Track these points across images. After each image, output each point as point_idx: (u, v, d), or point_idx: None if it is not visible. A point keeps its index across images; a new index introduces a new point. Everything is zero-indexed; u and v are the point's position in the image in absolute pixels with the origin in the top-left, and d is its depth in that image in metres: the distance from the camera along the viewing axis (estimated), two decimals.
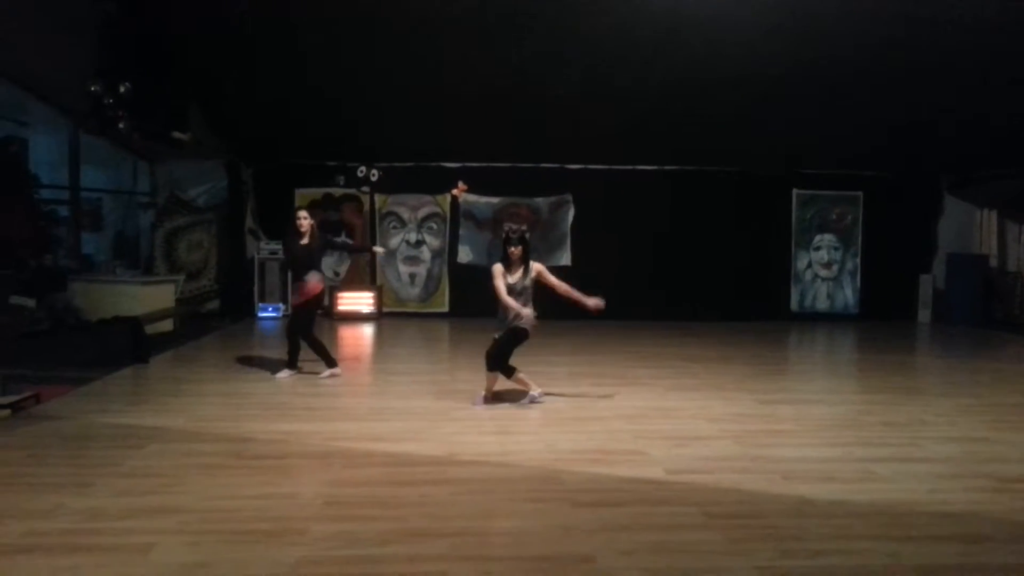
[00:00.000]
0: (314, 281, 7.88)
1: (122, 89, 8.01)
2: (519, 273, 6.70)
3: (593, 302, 6.70)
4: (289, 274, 8.43)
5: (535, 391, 6.95)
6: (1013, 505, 4.55)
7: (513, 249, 6.66)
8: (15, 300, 9.76)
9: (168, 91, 9.46)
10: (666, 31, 9.09)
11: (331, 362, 8.09)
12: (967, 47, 9.14)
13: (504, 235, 7.02)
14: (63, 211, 12.18)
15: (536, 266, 6.77)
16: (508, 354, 6.78)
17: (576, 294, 6.73)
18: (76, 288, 10.58)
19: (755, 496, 4.60)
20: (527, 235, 6.96)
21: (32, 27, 8.69)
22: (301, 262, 7.91)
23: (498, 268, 6.74)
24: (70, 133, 11.73)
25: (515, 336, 6.73)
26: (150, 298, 10.75)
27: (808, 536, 4.02)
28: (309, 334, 8.00)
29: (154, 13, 8.86)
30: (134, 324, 8.94)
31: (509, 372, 6.83)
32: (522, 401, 6.90)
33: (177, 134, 9.60)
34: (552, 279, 6.75)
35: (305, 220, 7.85)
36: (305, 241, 7.84)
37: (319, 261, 8.08)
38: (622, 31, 9.16)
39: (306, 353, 8.07)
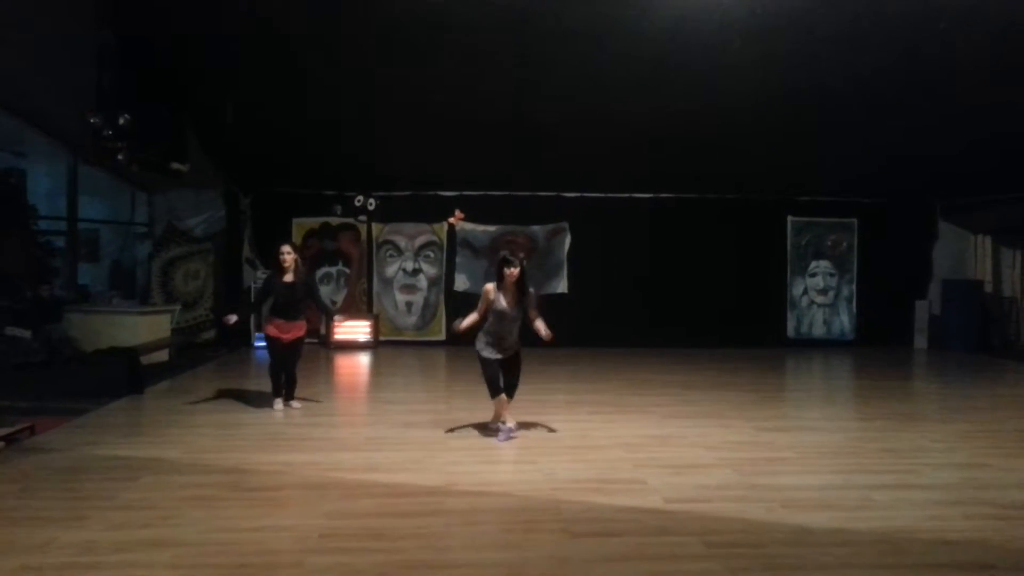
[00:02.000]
0: (302, 327, 7.76)
1: (121, 120, 8.06)
2: (511, 298, 6.42)
3: (545, 332, 6.40)
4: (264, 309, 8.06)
5: (510, 423, 6.75)
6: (1014, 532, 4.52)
7: (511, 271, 6.33)
8: (11, 331, 9.74)
9: (167, 122, 9.53)
10: (662, 60, 9.20)
11: (277, 393, 7.84)
12: (959, 72, 9.26)
13: (502, 256, 6.48)
14: (60, 242, 12.21)
15: (532, 294, 6.54)
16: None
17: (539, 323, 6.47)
18: (72, 319, 10.56)
19: (754, 525, 4.58)
20: (524, 262, 6.67)
21: (31, 58, 8.77)
22: (283, 302, 7.56)
23: (489, 289, 6.47)
24: (68, 164, 11.80)
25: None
26: (146, 328, 10.73)
27: (808, 565, 3.99)
28: (294, 367, 7.88)
29: (152, 45, 8.96)
30: (130, 355, 8.92)
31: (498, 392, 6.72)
32: (500, 436, 6.66)
33: (176, 164, 9.66)
34: (533, 310, 6.51)
35: (288, 255, 7.50)
36: (289, 279, 7.53)
37: (303, 303, 7.66)
38: (618, 60, 9.26)
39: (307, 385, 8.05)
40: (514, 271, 6.35)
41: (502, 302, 6.42)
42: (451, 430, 6.82)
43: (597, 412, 7.91)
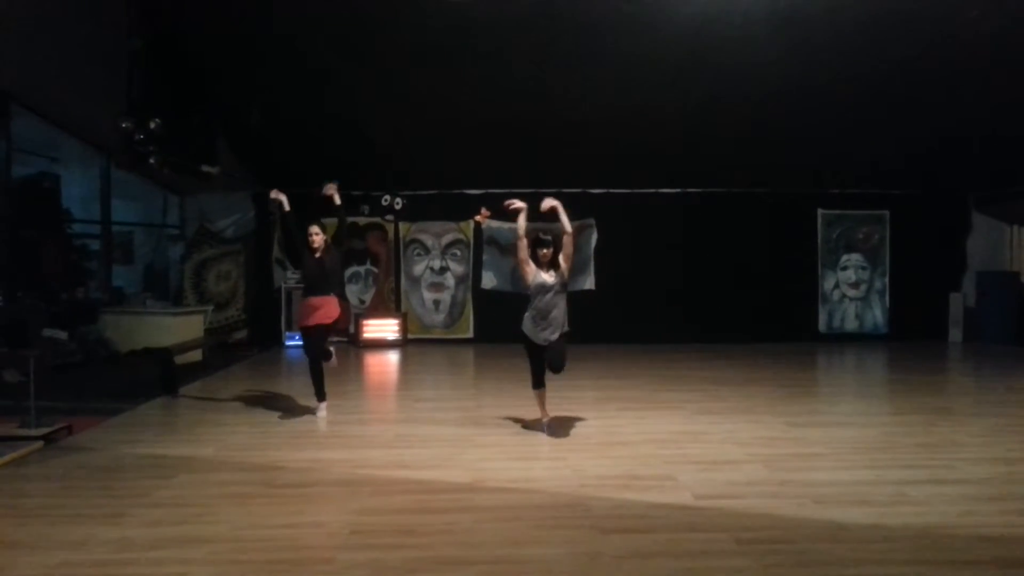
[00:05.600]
0: (333, 302, 7.49)
1: (152, 125, 8.19)
2: (550, 273, 6.51)
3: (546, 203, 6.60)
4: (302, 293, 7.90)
5: (545, 418, 6.77)
6: None
7: (546, 251, 6.50)
8: (48, 333, 9.94)
9: (196, 125, 9.66)
10: (689, 55, 9.14)
11: (322, 396, 7.67)
12: (991, 62, 9.09)
13: (535, 236, 6.61)
14: (94, 245, 12.44)
15: (562, 263, 6.54)
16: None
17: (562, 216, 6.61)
18: (107, 320, 10.75)
19: (787, 521, 4.53)
20: (559, 240, 6.75)
21: (64, 65, 8.94)
22: (314, 277, 7.51)
23: (530, 263, 6.57)
24: (101, 168, 12.01)
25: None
26: (179, 329, 10.88)
27: (841, 561, 3.94)
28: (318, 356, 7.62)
29: (182, 50, 9.08)
30: (164, 355, 9.05)
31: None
32: (547, 430, 6.68)
33: (206, 167, 9.79)
34: (566, 250, 6.54)
35: (317, 236, 7.53)
36: (319, 256, 7.52)
37: (335, 279, 7.61)
38: (643, 56, 9.22)
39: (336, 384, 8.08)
40: (548, 251, 6.52)
41: (541, 276, 6.52)
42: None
43: (626, 408, 7.88)
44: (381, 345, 12.96)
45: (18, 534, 4.36)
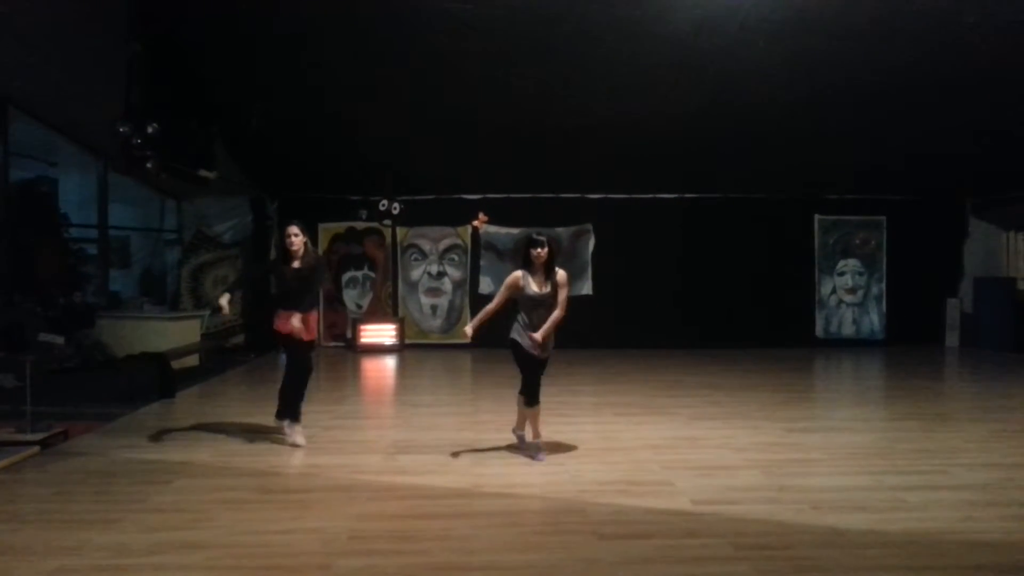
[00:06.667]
0: (311, 318, 6.58)
1: (150, 129, 8.18)
2: (541, 281, 5.93)
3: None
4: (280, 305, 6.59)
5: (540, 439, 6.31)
6: None
7: (540, 251, 5.85)
8: (44, 337, 9.90)
9: (194, 130, 9.65)
10: (686, 60, 9.15)
11: (282, 415, 6.74)
12: (988, 67, 9.11)
13: (529, 237, 6.02)
14: (91, 249, 12.41)
15: (561, 273, 5.98)
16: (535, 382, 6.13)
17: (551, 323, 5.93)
18: (104, 325, 10.72)
19: (784, 527, 4.53)
20: (554, 243, 6.08)
21: (62, 70, 8.92)
22: (290, 289, 6.43)
23: (516, 276, 5.94)
24: (99, 173, 11.99)
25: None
26: (176, 334, 10.85)
27: (839, 567, 3.95)
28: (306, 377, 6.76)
29: (181, 55, 9.08)
30: (160, 360, 9.03)
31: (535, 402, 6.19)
32: (539, 456, 6.13)
33: (203, 172, 9.77)
34: (561, 297, 5.94)
35: (297, 239, 6.45)
36: (296, 265, 6.48)
37: (315, 290, 6.66)
38: (641, 62, 9.23)
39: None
40: (542, 251, 5.89)
41: (532, 287, 5.91)
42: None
43: (623, 414, 7.88)
44: (378, 350, 12.95)
45: (14, 540, 4.35)
